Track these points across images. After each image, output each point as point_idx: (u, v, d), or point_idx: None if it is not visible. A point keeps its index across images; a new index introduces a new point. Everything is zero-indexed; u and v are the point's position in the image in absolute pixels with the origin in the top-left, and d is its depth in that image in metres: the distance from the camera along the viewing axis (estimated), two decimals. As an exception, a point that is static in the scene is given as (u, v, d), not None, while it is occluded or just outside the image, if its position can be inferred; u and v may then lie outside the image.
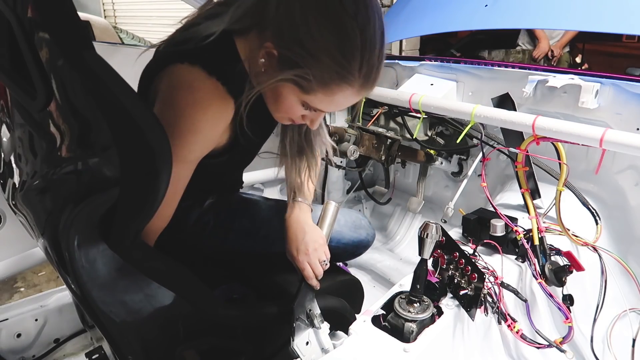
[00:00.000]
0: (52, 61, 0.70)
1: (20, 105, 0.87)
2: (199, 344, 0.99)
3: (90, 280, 0.78)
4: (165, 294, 0.89)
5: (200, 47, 0.89)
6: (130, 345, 0.88)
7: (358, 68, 0.85)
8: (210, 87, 0.88)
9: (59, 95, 0.72)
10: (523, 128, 1.28)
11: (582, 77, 1.42)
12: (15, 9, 0.72)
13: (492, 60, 3.57)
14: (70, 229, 0.72)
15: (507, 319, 1.00)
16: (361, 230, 1.37)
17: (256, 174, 2.05)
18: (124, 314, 0.85)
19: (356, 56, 0.84)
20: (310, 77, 0.85)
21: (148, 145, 0.70)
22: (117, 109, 0.67)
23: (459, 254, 1.00)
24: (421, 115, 1.61)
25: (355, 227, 1.37)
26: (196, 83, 0.87)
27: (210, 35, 0.89)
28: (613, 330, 1.23)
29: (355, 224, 1.37)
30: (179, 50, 0.91)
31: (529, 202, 1.29)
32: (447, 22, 1.94)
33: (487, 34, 4.50)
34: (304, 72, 0.84)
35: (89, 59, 0.65)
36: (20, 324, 1.37)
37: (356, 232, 1.36)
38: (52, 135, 0.80)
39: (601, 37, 4.55)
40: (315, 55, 0.83)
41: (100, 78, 0.65)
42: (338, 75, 0.85)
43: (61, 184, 0.81)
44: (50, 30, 0.68)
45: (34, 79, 0.72)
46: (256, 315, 1.10)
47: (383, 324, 0.96)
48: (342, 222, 1.35)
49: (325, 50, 0.82)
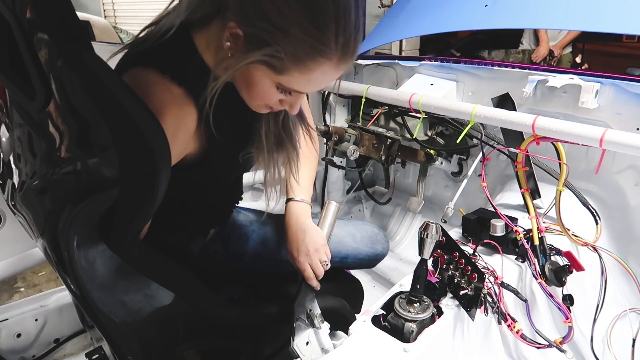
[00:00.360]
0: (51, 62, 0.70)
1: (19, 105, 0.87)
2: (199, 344, 0.98)
3: (90, 280, 0.78)
4: (165, 294, 0.89)
5: (154, 47, 0.83)
6: (130, 345, 0.88)
7: (334, 39, 0.76)
8: (165, 91, 0.81)
9: (58, 96, 0.72)
10: (523, 128, 1.28)
11: (582, 77, 1.42)
12: (14, 9, 0.72)
13: (492, 60, 3.57)
14: (69, 229, 0.72)
15: (507, 319, 1.00)
16: (377, 245, 1.35)
17: (256, 174, 2.05)
18: (124, 314, 0.85)
19: (330, 25, 0.75)
20: (282, 55, 0.76)
21: (147, 145, 0.70)
22: (116, 109, 0.67)
23: (459, 254, 1.00)
24: (421, 115, 1.61)
25: (372, 242, 1.34)
26: (150, 88, 0.80)
27: (168, 32, 0.82)
28: (613, 330, 1.23)
29: (371, 239, 1.34)
30: (135, 52, 0.86)
31: (529, 202, 1.29)
32: (447, 22, 1.94)
33: (487, 34, 4.50)
34: (275, 50, 0.75)
35: (88, 60, 0.65)
36: (20, 324, 1.37)
37: (372, 248, 1.34)
38: (51, 135, 0.80)
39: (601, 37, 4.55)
40: (284, 29, 0.74)
41: (99, 78, 0.65)
42: (312, 49, 0.76)
43: (60, 185, 0.81)
44: (49, 31, 0.68)
45: (33, 79, 0.72)
46: (256, 315, 1.10)
47: (383, 324, 0.96)
48: (359, 238, 1.32)
49: (294, 22, 0.74)
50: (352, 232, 1.32)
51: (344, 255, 1.29)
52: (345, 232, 1.31)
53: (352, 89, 1.88)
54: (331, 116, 2.08)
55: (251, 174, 2.00)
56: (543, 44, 3.92)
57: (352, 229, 1.34)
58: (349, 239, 1.31)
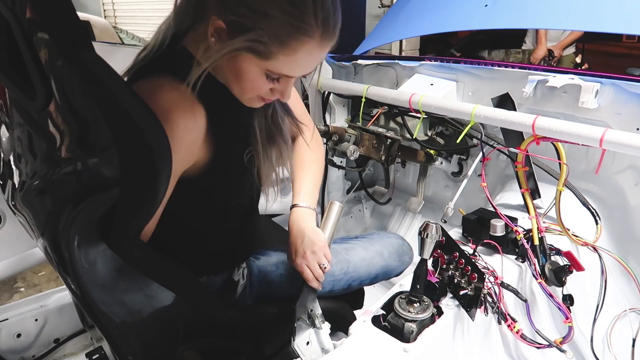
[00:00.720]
0: (52, 62, 0.70)
1: (20, 105, 0.87)
2: (199, 344, 0.98)
3: (90, 280, 0.78)
4: (165, 294, 0.89)
5: (152, 60, 0.88)
6: (130, 345, 0.88)
7: (313, 15, 0.79)
8: (173, 90, 0.83)
9: (58, 96, 0.72)
10: (523, 128, 1.28)
11: (582, 77, 1.42)
12: (14, 9, 0.72)
13: (492, 60, 3.57)
14: (70, 229, 0.72)
15: (507, 319, 1.00)
16: (405, 257, 1.33)
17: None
18: (124, 314, 0.85)
19: (307, 3, 0.78)
20: (265, 39, 0.78)
21: (147, 145, 0.70)
22: (116, 109, 0.67)
23: (459, 254, 1.00)
24: (421, 115, 1.61)
25: (400, 255, 1.32)
26: (157, 92, 0.82)
27: (162, 46, 0.87)
28: (613, 330, 1.23)
29: (398, 252, 1.32)
30: (136, 69, 0.90)
31: (529, 202, 1.29)
32: (447, 22, 1.94)
33: (487, 34, 4.50)
34: (257, 34, 0.78)
35: (88, 60, 0.65)
36: (20, 324, 1.37)
37: (400, 261, 1.32)
38: (51, 135, 0.80)
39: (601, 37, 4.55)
40: (263, 12, 0.77)
41: (99, 78, 0.65)
42: (293, 28, 0.78)
43: (61, 185, 0.81)
44: (49, 31, 0.68)
45: (33, 79, 0.72)
46: (256, 316, 1.10)
47: (383, 324, 0.96)
48: (386, 255, 1.28)
49: (272, 4, 0.77)
50: (380, 251, 1.29)
51: (374, 276, 1.27)
52: (373, 253, 1.27)
53: (352, 89, 1.88)
54: (331, 116, 2.08)
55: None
56: (540, 46, 3.92)
57: (379, 246, 1.30)
58: (377, 259, 1.27)
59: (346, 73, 2.10)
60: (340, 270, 1.20)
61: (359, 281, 1.23)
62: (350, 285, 1.22)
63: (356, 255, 1.24)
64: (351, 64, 2.05)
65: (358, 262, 1.22)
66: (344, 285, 1.21)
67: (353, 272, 1.21)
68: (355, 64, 2.05)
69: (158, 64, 0.88)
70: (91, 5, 8.06)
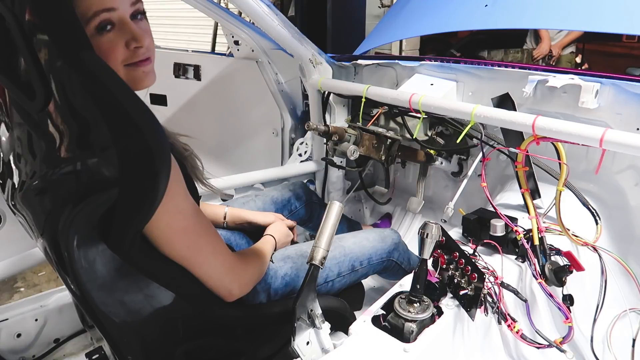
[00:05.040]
0: (51, 62, 0.70)
1: (19, 105, 0.87)
2: (199, 344, 0.98)
3: (90, 280, 0.78)
4: (165, 294, 0.89)
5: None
6: (130, 345, 0.88)
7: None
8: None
9: (58, 96, 0.72)
10: (523, 128, 1.28)
11: (582, 77, 1.42)
12: (13, 9, 0.72)
13: (492, 60, 3.57)
14: (69, 229, 0.73)
15: (507, 319, 1.00)
16: (387, 239, 1.46)
17: (256, 174, 2.05)
18: (124, 314, 0.85)
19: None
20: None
21: (147, 145, 0.70)
22: (115, 109, 0.67)
23: (459, 254, 1.00)
24: (421, 115, 1.60)
25: (382, 238, 1.45)
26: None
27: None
28: (613, 330, 1.22)
29: (380, 236, 1.46)
30: None
31: (529, 202, 1.28)
32: (447, 22, 1.94)
33: (487, 34, 4.50)
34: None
35: (88, 60, 0.65)
36: (20, 324, 1.37)
37: (384, 242, 1.45)
38: (51, 135, 0.80)
39: (601, 37, 4.54)
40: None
41: (98, 78, 0.65)
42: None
43: (60, 185, 0.81)
44: (49, 32, 0.68)
45: (33, 79, 0.72)
46: (256, 316, 1.10)
47: (383, 324, 0.96)
48: (371, 238, 1.43)
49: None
50: (365, 236, 1.43)
51: (368, 256, 1.38)
52: (360, 238, 1.41)
53: (352, 89, 1.88)
54: (331, 116, 2.08)
55: (252, 174, 2.02)
56: (545, 40, 3.93)
57: (363, 234, 1.46)
58: (365, 242, 1.40)
59: (346, 73, 2.10)
60: (340, 253, 1.31)
61: (359, 261, 1.35)
62: (353, 265, 1.33)
63: (347, 241, 1.37)
64: (351, 64, 2.05)
65: (351, 245, 1.36)
66: (348, 266, 1.32)
67: (350, 253, 1.33)
68: (355, 64, 2.05)
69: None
70: (91, 5, 8.04)
